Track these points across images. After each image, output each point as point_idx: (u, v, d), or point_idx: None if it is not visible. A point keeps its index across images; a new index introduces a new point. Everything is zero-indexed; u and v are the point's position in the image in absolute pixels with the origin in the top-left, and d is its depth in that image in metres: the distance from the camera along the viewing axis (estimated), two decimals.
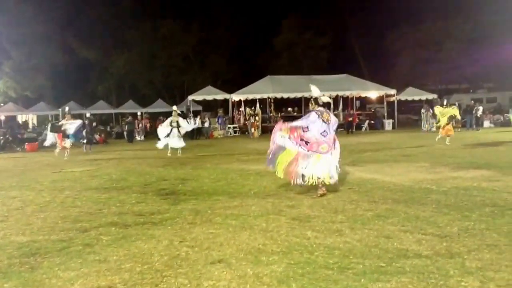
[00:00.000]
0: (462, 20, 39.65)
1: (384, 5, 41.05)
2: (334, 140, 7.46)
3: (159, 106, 38.61)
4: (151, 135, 31.68)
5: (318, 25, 45.33)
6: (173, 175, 10.55)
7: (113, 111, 39.82)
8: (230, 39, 45.62)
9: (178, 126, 16.01)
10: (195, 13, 44.74)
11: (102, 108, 38.94)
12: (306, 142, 7.20)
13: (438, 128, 18.08)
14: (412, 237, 4.92)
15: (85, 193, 8.42)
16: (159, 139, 16.12)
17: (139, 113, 33.18)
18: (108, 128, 35.90)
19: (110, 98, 43.84)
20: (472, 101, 17.81)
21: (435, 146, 16.00)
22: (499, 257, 4.18)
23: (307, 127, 7.24)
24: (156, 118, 32.96)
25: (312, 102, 7.62)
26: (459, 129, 27.89)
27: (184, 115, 34.37)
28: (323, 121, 7.25)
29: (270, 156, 7.44)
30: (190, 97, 32.27)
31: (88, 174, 11.47)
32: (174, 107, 17.02)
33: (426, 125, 29.08)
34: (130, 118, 30.79)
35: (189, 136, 26.20)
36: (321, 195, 7.23)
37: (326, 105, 7.59)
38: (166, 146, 15.99)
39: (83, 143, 20.17)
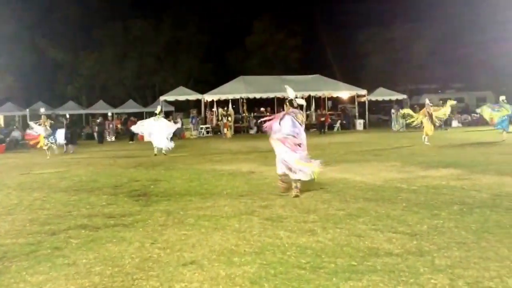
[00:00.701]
0: (431, 22, 40.53)
1: (354, 7, 41.65)
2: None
3: (130, 107, 38.16)
4: (122, 136, 31.36)
5: (290, 26, 45.67)
6: (144, 176, 10.42)
7: (83, 111, 39.07)
8: (202, 39, 45.41)
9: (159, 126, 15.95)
10: (166, 12, 44.43)
11: (71, 108, 38.08)
12: (299, 145, 7.31)
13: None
14: (383, 235, 4.98)
15: (54, 195, 8.24)
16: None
17: (109, 114, 32.74)
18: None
19: (80, 99, 43.02)
20: (441, 101, 18.17)
21: (422, 146, 16.08)
22: (467, 255, 4.27)
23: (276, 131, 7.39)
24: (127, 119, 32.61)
25: (287, 103, 7.64)
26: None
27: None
28: (298, 123, 7.33)
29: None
30: (162, 98, 31.94)
31: (57, 175, 11.22)
32: (158, 108, 16.95)
33: (396, 125, 29.57)
34: (100, 118, 30.26)
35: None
36: (295, 196, 7.24)
37: (299, 107, 7.68)
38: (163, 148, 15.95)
39: (64, 143, 19.75)
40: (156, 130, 15.79)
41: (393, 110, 30.55)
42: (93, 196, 8.04)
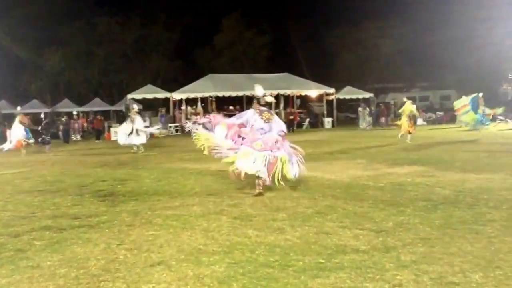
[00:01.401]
0: (397, 21, 41.32)
1: (323, 5, 42.05)
2: (277, 142, 7.32)
3: (96, 105, 37.44)
4: (89, 134, 30.73)
5: (259, 25, 45.71)
6: (111, 176, 10.23)
7: (47, 110, 38.06)
8: (171, 37, 44.93)
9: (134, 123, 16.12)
10: (134, 10, 43.80)
11: (35, 107, 37.02)
12: (243, 138, 7.25)
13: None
14: (350, 232, 5.05)
15: (17, 196, 8.00)
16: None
17: (75, 112, 32.02)
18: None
19: (44, 97, 41.87)
20: (405, 99, 18.55)
21: (396, 144, 16.25)
22: (432, 250, 4.37)
23: (243, 123, 7.34)
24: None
25: (255, 101, 7.71)
26: (394, 127, 29.10)
27: (124, 115, 33.41)
28: (262, 119, 7.29)
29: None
30: (130, 96, 31.42)
31: (21, 176, 10.89)
32: (135, 106, 16.86)
33: (364, 123, 30.04)
34: (66, 117, 29.53)
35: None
36: (257, 194, 7.20)
37: (268, 105, 7.73)
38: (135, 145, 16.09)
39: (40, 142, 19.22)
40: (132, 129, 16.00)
41: (360, 108, 31.02)
42: (58, 196, 7.83)
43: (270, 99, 7.91)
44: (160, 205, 6.86)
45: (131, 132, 16.03)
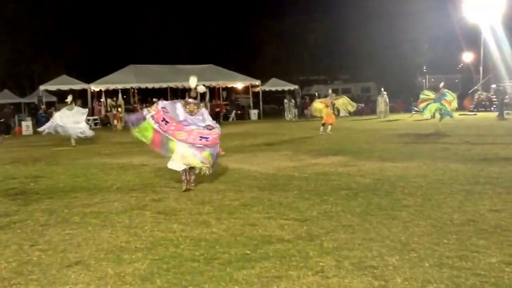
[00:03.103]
0: (319, 14, 42.52)
1: None
2: (203, 137, 6.99)
3: (5, 97, 34.86)
4: None
5: (183, 14, 45.02)
6: (23, 173, 9.57)
7: None
8: (88, 25, 42.83)
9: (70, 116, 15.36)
10: None
11: None
12: (166, 122, 6.91)
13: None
14: (275, 223, 5.09)
15: None
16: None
17: None
18: None
19: None
20: (330, 91, 19.09)
21: (319, 136, 16.44)
22: (353, 237, 4.51)
23: (166, 108, 7.01)
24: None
25: (187, 93, 7.44)
26: (318, 118, 29.93)
27: (36, 107, 31.48)
28: (186, 111, 7.06)
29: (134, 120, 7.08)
30: (42, 87, 29.61)
31: None
32: (70, 97, 15.80)
33: (289, 115, 30.61)
34: None
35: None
36: (185, 190, 7.02)
37: (201, 96, 7.47)
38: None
39: None
40: (70, 120, 15.21)
41: (286, 100, 31.56)
42: None
43: (202, 89, 7.64)
44: (78, 202, 6.53)
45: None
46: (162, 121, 6.88)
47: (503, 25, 29.89)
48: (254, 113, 32.96)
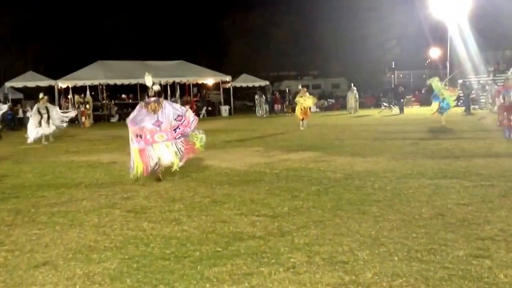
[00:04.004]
0: (287, 10, 42.72)
1: None
2: (176, 129, 7.41)
3: None
4: None
5: (153, 9, 44.50)
6: None
7: None
8: (56, 20, 41.83)
9: (48, 112, 15.25)
10: None
11: None
12: (141, 136, 7.25)
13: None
14: (247, 219, 5.08)
15: None
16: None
17: None
18: None
19: None
20: (300, 87, 19.17)
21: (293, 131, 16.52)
22: (323, 232, 4.54)
23: (134, 121, 7.37)
24: None
25: (146, 93, 7.75)
26: (289, 114, 30.11)
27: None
28: (149, 112, 7.32)
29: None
30: (8, 84, 28.79)
31: None
32: (41, 95, 15.53)
33: (260, 111, 30.66)
34: None
35: (8, 126, 23.59)
36: (157, 180, 7.32)
37: (159, 94, 7.68)
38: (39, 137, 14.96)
39: None
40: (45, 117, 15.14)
41: (256, 96, 31.58)
42: None
43: (157, 87, 7.80)
44: (45, 201, 6.37)
45: (40, 123, 15.04)
46: (137, 137, 7.27)
47: (469, 21, 30.63)
48: (225, 110, 32.88)
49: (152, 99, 7.48)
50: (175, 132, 7.36)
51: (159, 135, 7.26)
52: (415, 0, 34.71)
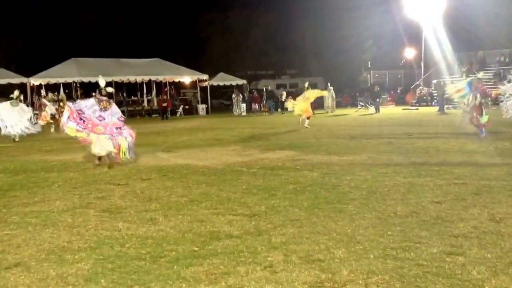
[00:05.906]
0: (265, 9, 42.78)
1: None
2: (119, 128, 8.80)
3: None
4: None
5: (129, 6, 43.94)
6: None
7: None
8: (29, 16, 40.91)
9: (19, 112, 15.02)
10: None
11: None
12: (84, 121, 8.51)
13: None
14: (224, 219, 5.06)
15: None
16: None
17: None
18: None
19: None
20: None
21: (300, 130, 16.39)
22: (300, 231, 4.55)
23: (81, 110, 8.62)
24: None
25: (97, 91, 9.11)
26: (266, 113, 30.17)
27: None
28: (100, 108, 8.68)
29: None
30: None
31: None
32: (16, 93, 15.45)
33: (238, 110, 30.61)
34: None
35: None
36: (96, 165, 8.79)
37: (109, 95, 9.31)
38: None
39: None
40: (13, 116, 14.76)
41: (234, 95, 31.52)
42: None
43: (110, 89, 9.52)
44: (17, 201, 6.22)
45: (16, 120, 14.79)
46: (80, 120, 8.48)
47: (443, 22, 31.19)
48: (202, 108, 32.69)
49: (104, 98, 8.89)
50: (115, 130, 8.67)
51: (98, 128, 8.57)
52: (392, 1, 35.19)
